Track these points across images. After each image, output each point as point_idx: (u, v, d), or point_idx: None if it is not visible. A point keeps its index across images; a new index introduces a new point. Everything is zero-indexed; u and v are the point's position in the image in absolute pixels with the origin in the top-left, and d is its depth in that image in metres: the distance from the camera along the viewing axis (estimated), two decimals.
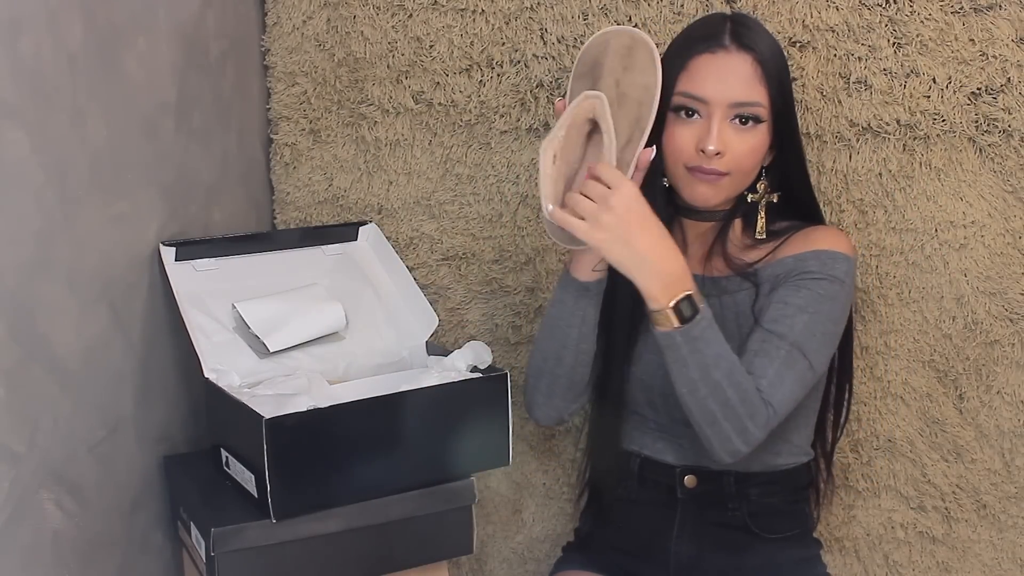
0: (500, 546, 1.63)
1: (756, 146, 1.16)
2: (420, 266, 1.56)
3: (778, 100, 1.16)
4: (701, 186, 1.17)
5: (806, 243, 1.20)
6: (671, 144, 1.17)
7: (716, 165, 1.15)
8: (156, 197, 1.28)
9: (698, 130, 1.15)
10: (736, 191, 1.20)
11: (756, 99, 1.15)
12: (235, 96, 1.49)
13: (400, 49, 1.50)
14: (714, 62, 1.15)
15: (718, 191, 1.17)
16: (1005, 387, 1.38)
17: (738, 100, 1.14)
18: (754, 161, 1.18)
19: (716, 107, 1.14)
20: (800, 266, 1.17)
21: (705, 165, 1.15)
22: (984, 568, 1.44)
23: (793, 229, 1.23)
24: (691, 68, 1.16)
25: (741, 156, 1.16)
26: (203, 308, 1.28)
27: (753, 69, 1.15)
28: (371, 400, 1.14)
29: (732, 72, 1.15)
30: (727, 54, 1.15)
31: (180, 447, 1.34)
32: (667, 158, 1.18)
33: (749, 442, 1.11)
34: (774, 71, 1.16)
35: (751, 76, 1.15)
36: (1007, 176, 1.33)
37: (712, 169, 1.15)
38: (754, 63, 1.15)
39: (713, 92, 1.14)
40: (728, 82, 1.15)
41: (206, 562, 1.12)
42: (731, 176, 1.17)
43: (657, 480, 1.26)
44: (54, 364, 1.07)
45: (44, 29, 1.03)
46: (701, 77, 1.15)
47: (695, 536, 1.25)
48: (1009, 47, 1.28)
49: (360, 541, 1.17)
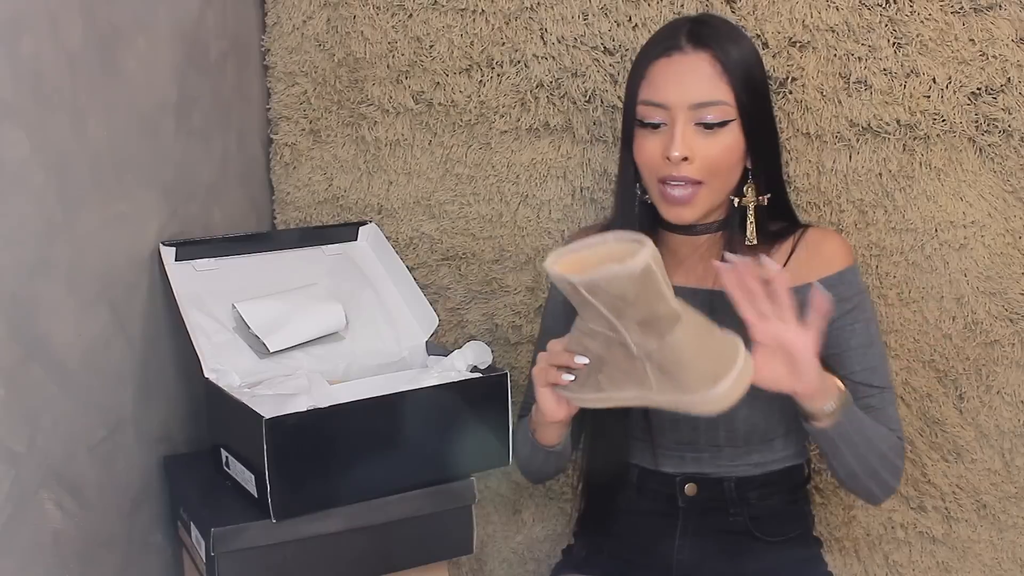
0: (500, 546, 1.63)
1: (727, 148, 1.13)
2: (420, 266, 1.56)
3: (744, 97, 1.12)
4: (675, 208, 1.14)
5: (821, 262, 1.18)
6: (640, 157, 1.15)
7: (686, 172, 1.12)
8: (156, 197, 1.28)
9: (663, 139, 1.13)
10: (715, 201, 1.16)
11: (718, 97, 1.11)
12: (235, 96, 1.49)
13: (400, 49, 1.50)
14: (671, 65, 1.13)
15: (693, 209, 1.14)
16: (1005, 387, 1.38)
17: (698, 100, 1.11)
18: (728, 164, 1.14)
19: (678, 111, 1.11)
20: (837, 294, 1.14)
21: (675, 173, 1.12)
22: (984, 568, 1.44)
23: (786, 233, 1.21)
24: (649, 75, 1.14)
25: (711, 160, 1.12)
26: (203, 308, 1.28)
27: (712, 67, 1.11)
28: (371, 400, 1.14)
29: (689, 72, 1.12)
30: (683, 56, 1.13)
31: (180, 447, 1.34)
32: (641, 173, 1.17)
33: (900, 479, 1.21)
34: (738, 67, 1.12)
35: (710, 74, 1.11)
36: (1007, 176, 1.33)
37: (683, 177, 1.12)
38: (712, 60, 1.11)
39: (672, 96, 1.11)
40: (685, 83, 1.11)
41: (206, 562, 1.12)
42: (705, 185, 1.13)
43: (657, 490, 1.25)
44: (54, 364, 1.07)
45: (44, 29, 1.03)
46: (660, 82, 1.13)
47: (697, 543, 1.24)
48: (1009, 47, 1.28)
49: (360, 541, 1.17)
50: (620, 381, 1.02)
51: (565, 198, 1.49)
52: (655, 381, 0.99)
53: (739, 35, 1.18)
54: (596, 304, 0.97)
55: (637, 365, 1.00)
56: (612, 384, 1.02)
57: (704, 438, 1.20)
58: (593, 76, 1.43)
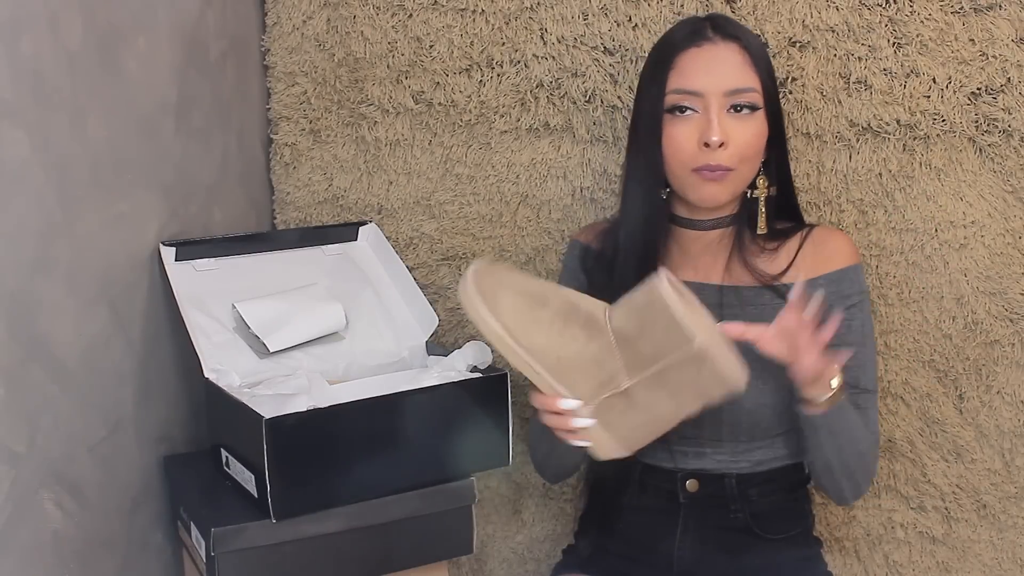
0: (500, 546, 1.63)
1: (757, 134, 1.16)
2: (420, 266, 1.56)
3: (770, 87, 1.17)
4: (709, 186, 1.16)
5: (826, 258, 1.21)
6: (671, 146, 1.16)
7: (721, 160, 1.14)
8: (156, 197, 1.28)
9: (697, 125, 1.14)
10: (741, 186, 1.19)
11: (750, 85, 1.15)
12: (235, 96, 1.49)
13: (400, 49, 1.50)
14: (702, 55, 1.15)
15: (725, 187, 1.16)
16: (1005, 387, 1.38)
17: (733, 87, 1.14)
18: (756, 150, 1.17)
19: (712, 98, 1.14)
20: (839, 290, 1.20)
21: (711, 162, 1.14)
22: (984, 568, 1.44)
23: (793, 232, 1.24)
24: (679, 65, 1.16)
25: (744, 145, 1.15)
26: (203, 308, 1.28)
27: (742, 56, 1.15)
28: (371, 400, 1.14)
29: (723, 61, 1.15)
30: (713, 45, 1.16)
31: (180, 447, 1.34)
32: (669, 162, 1.17)
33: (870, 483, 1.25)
34: (762, 59, 1.17)
35: (741, 63, 1.15)
36: (1007, 176, 1.33)
37: (718, 165, 1.14)
38: (742, 50, 1.15)
39: (706, 83, 1.14)
40: (720, 71, 1.15)
41: (206, 562, 1.12)
42: (736, 171, 1.16)
43: (658, 486, 1.26)
44: (54, 364, 1.07)
45: (44, 29, 1.03)
46: (692, 70, 1.15)
47: (697, 540, 1.25)
48: (1009, 47, 1.28)
49: (360, 541, 1.17)
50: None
51: (565, 198, 1.49)
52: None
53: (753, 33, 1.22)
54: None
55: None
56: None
57: (707, 432, 1.21)
58: (593, 76, 1.43)
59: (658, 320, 1.00)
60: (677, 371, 1.00)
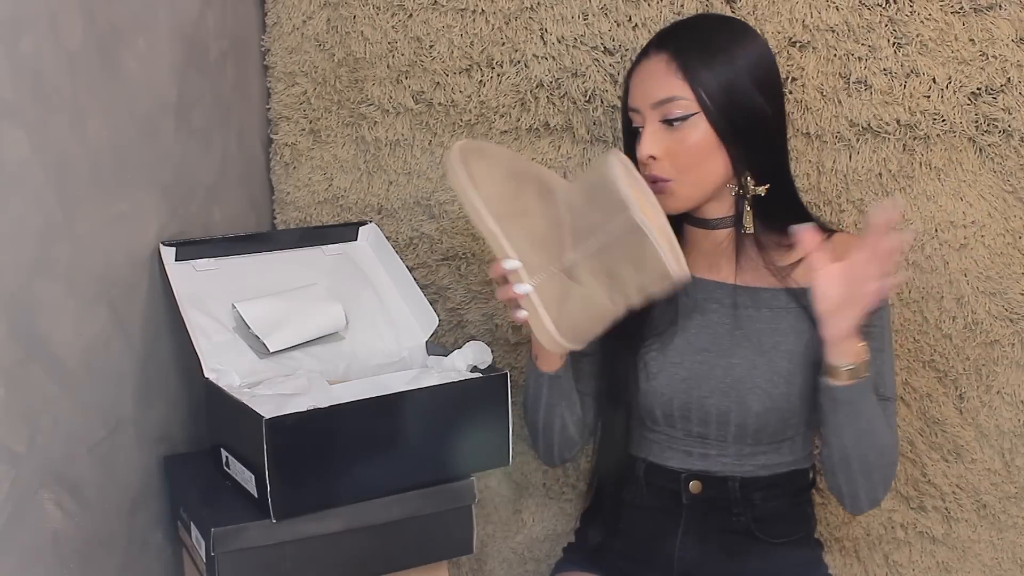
0: (500, 546, 1.63)
1: (693, 143, 1.15)
2: (420, 266, 1.56)
3: (709, 90, 1.13)
4: (659, 196, 1.14)
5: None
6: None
7: (657, 172, 1.16)
8: (156, 197, 1.28)
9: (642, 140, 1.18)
10: (696, 194, 1.18)
11: (675, 94, 1.14)
12: (235, 96, 1.49)
13: (400, 49, 1.50)
14: (640, 71, 1.19)
15: (674, 199, 1.17)
16: (1005, 387, 1.38)
17: (657, 99, 1.15)
18: (696, 159, 1.15)
19: (645, 112, 1.17)
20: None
21: (649, 174, 1.16)
22: (984, 568, 1.44)
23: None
24: (629, 84, 1.20)
25: (676, 156, 1.15)
26: (203, 308, 1.28)
27: (667, 65, 1.15)
28: (371, 400, 1.14)
29: (650, 74, 1.17)
30: (647, 60, 1.18)
31: (180, 447, 1.34)
32: None
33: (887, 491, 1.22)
34: (697, 62, 1.14)
35: (664, 72, 1.15)
36: (1007, 176, 1.33)
37: (656, 177, 1.16)
38: (668, 59, 1.15)
39: (638, 98, 1.18)
40: (647, 85, 1.17)
41: (206, 562, 1.12)
42: (676, 182, 1.16)
43: (662, 485, 1.26)
44: (54, 364, 1.07)
45: (44, 29, 1.03)
46: (632, 87, 1.20)
47: (699, 541, 1.25)
48: (1009, 47, 1.28)
49: (360, 541, 1.17)
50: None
51: None
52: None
53: (716, 32, 1.18)
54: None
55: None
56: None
57: (714, 432, 1.21)
58: (593, 76, 1.44)
59: (603, 192, 1.04)
60: (617, 247, 1.03)
